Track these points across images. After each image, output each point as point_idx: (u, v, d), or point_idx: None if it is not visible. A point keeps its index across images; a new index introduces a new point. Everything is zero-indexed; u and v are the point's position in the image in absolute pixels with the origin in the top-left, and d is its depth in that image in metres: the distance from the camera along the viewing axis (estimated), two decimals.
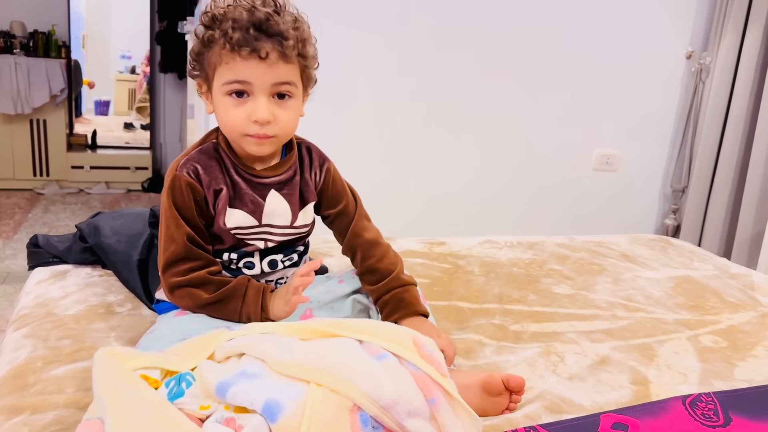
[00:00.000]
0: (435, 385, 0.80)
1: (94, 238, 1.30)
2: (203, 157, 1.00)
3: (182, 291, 0.97)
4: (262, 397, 0.71)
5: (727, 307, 1.44)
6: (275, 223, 1.03)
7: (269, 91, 0.93)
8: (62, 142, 4.25)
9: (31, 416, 0.84)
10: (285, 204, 1.04)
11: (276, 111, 0.94)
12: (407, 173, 2.52)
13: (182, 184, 0.97)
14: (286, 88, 0.94)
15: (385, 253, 1.12)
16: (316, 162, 1.09)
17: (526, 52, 2.50)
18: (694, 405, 0.99)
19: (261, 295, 0.98)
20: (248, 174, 1.01)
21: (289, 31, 0.91)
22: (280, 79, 0.93)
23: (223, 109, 0.95)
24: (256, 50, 0.89)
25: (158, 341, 0.93)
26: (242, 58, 0.90)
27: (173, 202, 0.97)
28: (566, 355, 1.14)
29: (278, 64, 0.91)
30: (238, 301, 0.97)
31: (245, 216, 1.01)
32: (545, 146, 2.64)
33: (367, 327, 0.86)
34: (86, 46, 4.65)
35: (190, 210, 0.97)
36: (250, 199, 1.01)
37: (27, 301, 1.19)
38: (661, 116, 2.77)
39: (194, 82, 1.03)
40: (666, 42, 2.67)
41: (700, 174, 2.69)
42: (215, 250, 1.02)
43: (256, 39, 0.89)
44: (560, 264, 1.65)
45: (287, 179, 1.05)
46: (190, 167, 0.98)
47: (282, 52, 0.90)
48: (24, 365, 0.96)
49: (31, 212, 3.72)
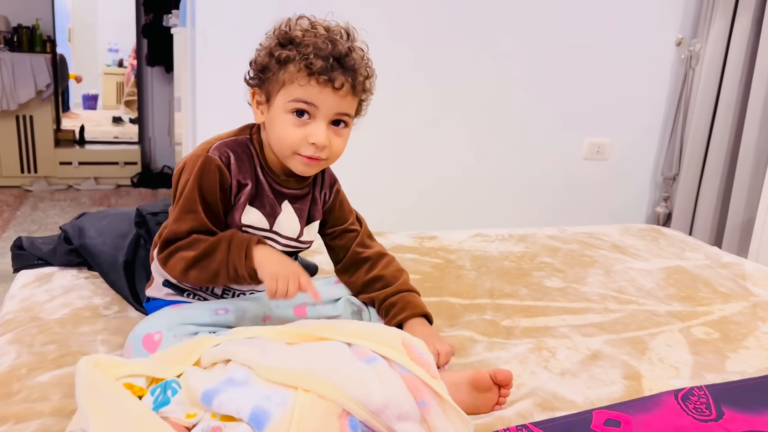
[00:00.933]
0: (425, 388, 0.79)
1: (79, 240, 1.28)
2: (237, 148, 1.01)
3: (174, 257, 0.96)
4: (249, 405, 0.70)
5: (718, 298, 1.44)
6: (283, 233, 1.05)
7: (330, 118, 0.96)
8: (50, 138, 4.20)
9: (15, 426, 0.82)
10: (295, 217, 1.06)
11: (332, 137, 0.97)
12: (396, 166, 2.50)
13: (212, 166, 0.96)
14: (345, 117, 0.98)
15: (391, 262, 1.15)
16: (327, 182, 1.13)
17: (514, 41, 2.48)
18: (686, 399, 0.99)
19: (246, 244, 0.94)
20: (272, 179, 1.03)
21: (362, 68, 0.96)
22: (344, 110, 0.96)
23: (281, 124, 0.96)
24: (332, 80, 0.93)
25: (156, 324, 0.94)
26: (318, 83, 0.93)
27: (199, 182, 0.95)
28: (558, 350, 1.14)
29: (347, 96, 0.95)
30: (224, 252, 0.93)
31: (261, 217, 1.02)
32: (535, 136, 2.63)
33: (356, 329, 0.85)
34: (72, 40, 4.60)
35: (213, 194, 0.96)
36: (270, 203, 1.03)
37: (11, 306, 1.18)
38: (651, 104, 2.76)
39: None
40: (656, 29, 2.65)
41: (691, 161, 2.68)
42: None
43: (333, 69, 0.92)
44: (551, 256, 1.64)
45: (302, 195, 1.07)
46: (224, 152, 0.98)
47: (353, 86, 0.95)
48: (8, 372, 0.95)
49: (20, 210, 3.68)
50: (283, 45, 0.95)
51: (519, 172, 2.66)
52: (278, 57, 0.94)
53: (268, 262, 0.93)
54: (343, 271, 1.15)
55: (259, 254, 0.94)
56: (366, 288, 1.12)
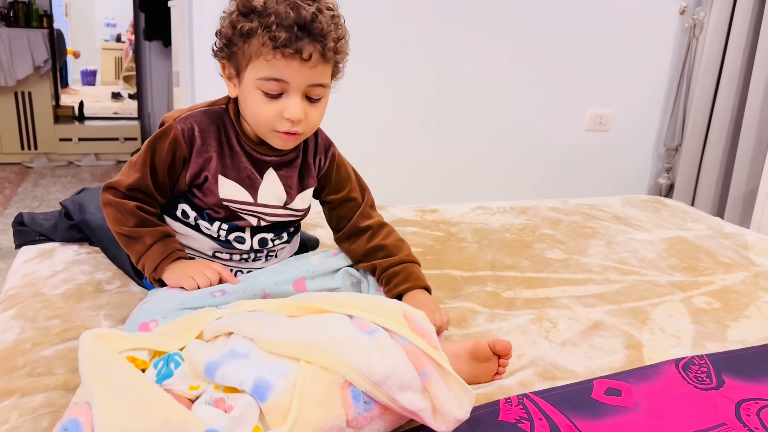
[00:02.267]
0: (426, 359, 0.79)
1: (80, 215, 1.28)
2: (205, 120, 0.99)
3: (111, 209, 0.99)
4: (252, 377, 0.71)
5: (720, 268, 1.44)
6: (269, 203, 1.03)
7: (304, 90, 0.92)
8: (49, 114, 4.18)
9: (20, 399, 0.83)
10: (279, 185, 1.03)
11: (308, 110, 0.94)
12: (395, 138, 2.49)
13: (170, 136, 0.97)
14: (319, 90, 0.94)
15: (391, 232, 1.13)
16: (321, 147, 1.09)
17: (515, 12, 2.45)
18: (687, 368, 1.00)
19: (163, 256, 0.99)
20: (250, 148, 1.01)
21: (330, 31, 0.90)
22: (317, 81, 0.92)
23: (253, 102, 0.94)
24: (298, 51, 0.88)
25: (151, 311, 0.93)
26: (284, 57, 0.88)
27: (153, 146, 0.98)
28: (559, 320, 1.14)
29: (318, 66, 0.90)
30: (144, 246, 0.99)
31: (240, 190, 1.00)
32: (537, 107, 2.61)
33: (357, 302, 0.85)
34: (69, 15, 4.56)
35: (162, 161, 0.98)
36: (248, 174, 1.00)
37: (14, 281, 1.18)
38: (654, 74, 2.74)
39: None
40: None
41: (694, 132, 2.67)
42: (210, 218, 1.02)
43: (299, 39, 0.87)
44: (553, 228, 1.64)
45: (288, 161, 1.04)
46: (188, 125, 0.98)
47: (323, 53, 0.89)
48: (12, 347, 0.95)
49: (21, 186, 3.69)
50: (244, 15, 0.90)
51: (520, 144, 2.64)
52: (240, 30, 0.89)
53: (178, 274, 0.98)
54: (343, 239, 1.14)
55: (168, 272, 0.99)
56: (367, 257, 1.10)
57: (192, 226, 1.04)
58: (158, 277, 1.00)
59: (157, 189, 1.00)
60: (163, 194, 1.02)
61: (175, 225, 1.05)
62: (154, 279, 1.01)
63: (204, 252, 1.06)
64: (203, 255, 1.06)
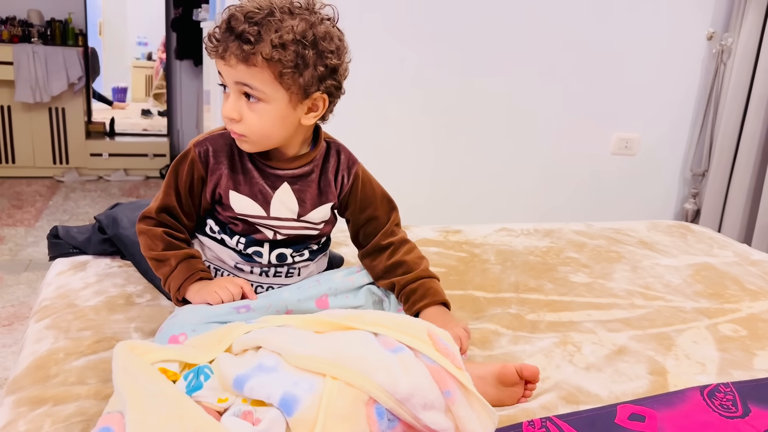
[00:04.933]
0: (450, 378, 0.80)
1: (113, 230, 1.31)
2: (220, 141, 1.04)
3: (143, 237, 1.05)
4: (279, 391, 0.72)
5: (747, 295, 1.42)
6: (281, 216, 1.05)
7: (234, 89, 0.95)
8: (81, 129, 4.29)
9: (53, 407, 0.85)
10: (293, 198, 1.05)
11: (244, 111, 0.95)
12: (421, 159, 2.51)
13: (188, 159, 1.03)
14: (248, 90, 0.93)
15: (413, 249, 1.15)
16: (344, 164, 1.10)
17: (543, 33, 2.47)
18: (712, 395, 0.99)
19: (187, 276, 1.02)
20: (262, 164, 1.03)
21: (256, 35, 0.89)
22: (240, 79, 0.93)
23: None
24: (216, 49, 0.93)
25: (180, 324, 0.95)
26: (216, 55, 0.94)
27: (176, 170, 1.04)
28: (583, 344, 1.14)
29: (239, 65, 0.91)
30: (170, 268, 1.03)
31: (253, 204, 1.03)
32: (563, 130, 2.61)
33: (382, 320, 0.86)
34: (103, 33, 4.67)
35: (184, 184, 1.03)
36: (260, 189, 1.03)
37: (48, 293, 1.21)
38: (681, 99, 2.73)
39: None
40: (686, 22, 2.61)
41: (721, 157, 2.64)
42: (231, 232, 1.05)
43: (223, 39, 0.92)
44: (577, 252, 1.64)
45: (302, 174, 1.05)
46: (203, 147, 1.03)
47: (241, 56, 0.90)
48: (46, 356, 0.98)
49: (52, 200, 3.77)
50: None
51: (545, 166, 2.64)
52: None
53: (203, 291, 1.01)
54: (365, 255, 1.15)
55: (191, 291, 1.02)
56: (387, 273, 1.11)
57: (218, 240, 1.07)
58: (182, 297, 1.03)
59: (183, 210, 1.05)
60: (190, 217, 1.06)
61: (205, 240, 1.09)
62: (178, 300, 1.04)
63: (228, 264, 1.08)
64: (227, 267, 1.09)
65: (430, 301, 1.07)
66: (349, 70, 1.01)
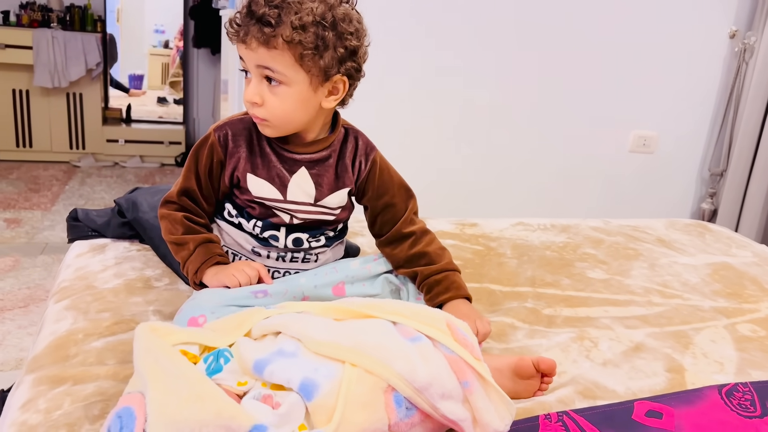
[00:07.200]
0: (468, 369, 0.80)
1: (132, 213, 1.32)
2: (239, 125, 1.04)
3: (164, 221, 1.06)
4: (299, 376, 0.72)
5: (766, 296, 1.41)
6: (298, 200, 1.05)
7: (256, 73, 0.95)
8: (98, 115, 4.31)
9: (73, 387, 0.86)
10: (310, 182, 1.05)
11: (266, 95, 0.96)
12: (439, 152, 2.50)
13: (208, 143, 1.03)
14: (269, 73, 0.94)
15: (434, 240, 1.14)
16: (362, 150, 1.10)
17: (562, 30, 2.45)
18: (730, 394, 0.98)
19: (204, 259, 1.03)
20: (280, 148, 1.04)
21: (276, 17, 0.89)
22: (262, 63, 0.93)
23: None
24: (238, 34, 0.93)
25: (200, 306, 0.96)
26: (237, 39, 0.95)
27: (196, 154, 1.04)
28: (600, 340, 1.14)
29: (260, 48, 0.92)
30: (188, 252, 1.03)
31: (269, 187, 1.03)
32: (581, 127, 2.60)
33: (401, 309, 0.86)
34: (121, 20, 4.69)
35: (204, 168, 1.04)
36: (277, 173, 1.03)
37: (67, 274, 1.22)
38: (701, 97, 2.70)
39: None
40: (708, 20, 2.58)
41: (740, 158, 2.62)
42: (248, 215, 1.06)
43: (244, 24, 0.92)
44: (595, 248, 1.63)
45: (320, 159, 1.05)
46: (222, 131, 1.04)
47: (262, 39, 0.91)
48: (66, 336, 0.99)
49: (68, 184, 3.79)
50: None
51: (562, 162, 2.63)
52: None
53: (220, 274, 1.02)
54: (385, 243, 1.14)
55: (208, 274, 1.02)
56: (408, 263, 1.11)
57: (235, 224, 1.08)
58: (199, 280, 1.03)
59: (203, 194, 1.06)
60: (209, 201, 1.07)
61: (223, 224, 1.10)
62: (195, 283, 1.04)
63: (245, 248, 1.09)
64: (244, 252, 1.09)
65: (454, 294, 1.07)
66: (368, 54, 1.01)
